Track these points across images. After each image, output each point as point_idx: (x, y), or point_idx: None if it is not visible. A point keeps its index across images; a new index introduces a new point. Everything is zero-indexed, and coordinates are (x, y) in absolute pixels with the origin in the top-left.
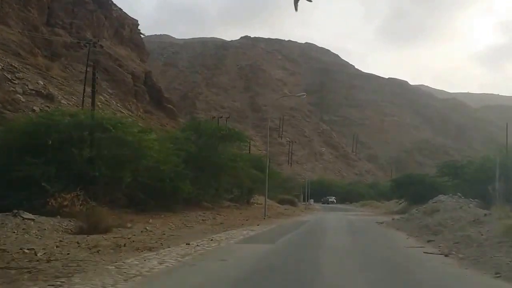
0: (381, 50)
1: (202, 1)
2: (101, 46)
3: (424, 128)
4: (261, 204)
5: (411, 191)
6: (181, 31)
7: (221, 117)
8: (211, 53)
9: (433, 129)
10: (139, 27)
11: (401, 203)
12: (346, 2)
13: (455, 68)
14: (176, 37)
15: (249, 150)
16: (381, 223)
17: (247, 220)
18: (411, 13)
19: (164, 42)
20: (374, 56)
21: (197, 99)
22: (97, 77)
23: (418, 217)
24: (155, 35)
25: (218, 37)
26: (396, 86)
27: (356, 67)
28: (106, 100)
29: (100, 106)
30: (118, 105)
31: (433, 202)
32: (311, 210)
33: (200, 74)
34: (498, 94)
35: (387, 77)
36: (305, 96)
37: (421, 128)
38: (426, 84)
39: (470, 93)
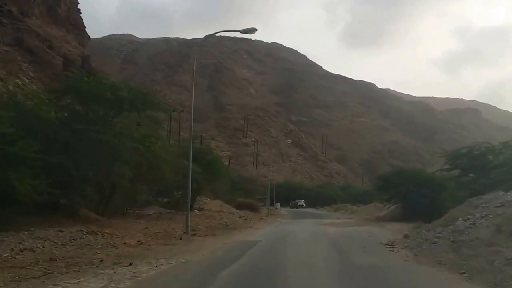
0: (345, 55)
1: (167, 3)
2: (10, 12)
3: (393, 130)
4: (209, 209)
5: (403, 191)
6: (145, 32)
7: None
8: (174, 51)
9: (402, 131)
10: (78, 6)
11: (389, 207)
12: (308, 9)
13: (417, 73)
14: (139, 37)
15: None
16: (390, 245)
17: (139, 243)
18: (373, 20)
19: (124, 39)
20: (339, 59)
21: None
22: None
23: (475, 235)
24: (117, 34)
25: (182, 37)
26: (364, 88)
27: (323, 67)
28: (24, 84)
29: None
30: (40, 90)
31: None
32: (275, 217)
33: (161, 72)
34: (461, 98)
35: (355, 79)
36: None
37: (391, 129)
38: (391, 88)
39: (434, 97)
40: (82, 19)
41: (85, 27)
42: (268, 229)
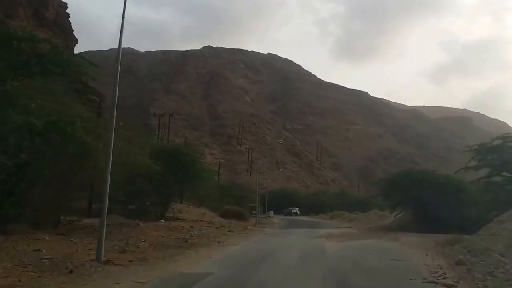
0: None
1: (165, 19)
2: None
3: (387, 137)
4: (184, 219)
5: (414, 196)
6: (144, 46)
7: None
8: (171, 62)
9: (396, 138)
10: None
11: (396, 215)
12: (302, 25)
13: (406, 84)
14: (139, 50)
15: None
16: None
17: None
18: (363, 34)
19: (124, 51)
20: (332, 70)
21: (151, 105)
22: None
23: None
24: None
25: (180, 49)
26: (358, 96)
27: (318, 76)
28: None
29: None
30: None
31: None
32: (263, 226)
33: (159, 82)
34: (452, 107)
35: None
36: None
37: (385, 137)
38: (383, 98)
39: (426, 106)
40: (70, 23)
41: (73, 30)
42: (242, 246)
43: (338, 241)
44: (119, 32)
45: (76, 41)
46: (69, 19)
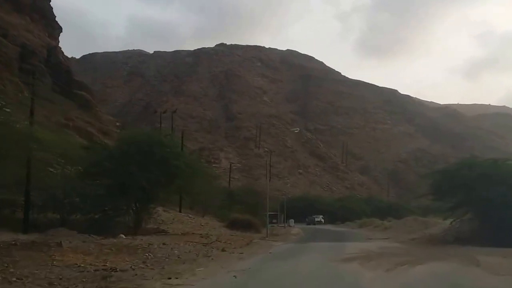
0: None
1: (176, 18)
2: None
3: (419, 137)
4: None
5: (480, 196)
6: (153, 47)
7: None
8: (182, 62)
9: (429, 138)
10: None
11: (453, 222)
12: (321, 20)
13: (437, 80)
14: (148, 51)
15: None
16: None
17: None
18: (388, 28)
19: (131, 52)
20: (356, 67)
21: (161, 108)
22: None
23: None
24: (126, 50)
25: (191, 49)
26: (386, 94)
27: (342, 73)
28: None
29: None
30: None
31: None
32: (273, 240)
33: (169, 83)
34: (489, 104)
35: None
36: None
37: (416, 136)
38: (412, 96)
39: (460, 103)
40: (51, 8)
41: (55, 17)
42: None
43: (386, 270)
44: None
45: (60, 29)
46: (50, 2)
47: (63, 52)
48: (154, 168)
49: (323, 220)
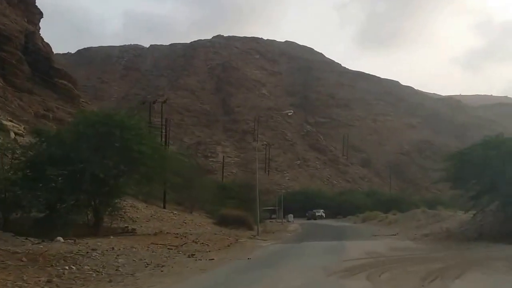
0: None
1: (173, 11)
2: None
3: (421, 129)
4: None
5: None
6: (150, 41)
7: None
8: (179, 55)
9: (432, 129)
10: None
11: (475, 214)
12: (319, 12)
13: (437, 72)
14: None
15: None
16: None
17: None
18: (386, 17)
19: (127, 46)
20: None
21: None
22: None
23: None
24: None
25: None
26: (387, 86)
27: (342, 65)
28: None
29: None
30: None
31: None
32: (264, 239)
33: (165, 77)
34: (490, 95)
35: (377, 75)
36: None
37: (419, 128)
38: (414, 87)
39: (462, 94)
40: None
41: (35, 1)
42: None
43: None
44: None
45: (40, 14)
46: None
47: (42, 38)
48: (112, 154)
49: (324, 215)
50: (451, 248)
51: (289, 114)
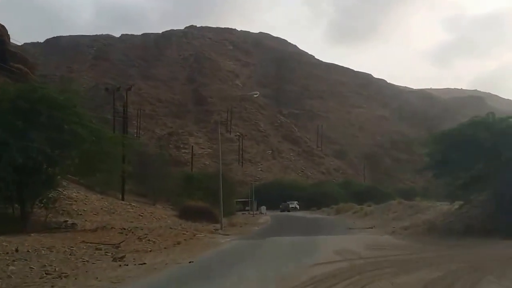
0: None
1: (144, 3)
2: None
3: (394, 120)
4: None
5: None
6: (122, 31)
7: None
8: (150, 45)
9: (405, 121)
10: None
11: (462, 205)
12: (292, 4)
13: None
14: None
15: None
16: None
17: None
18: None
19: (98, 35)
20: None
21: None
22: None
23: None
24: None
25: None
26: (360, 78)
27: (316, 57)
28: None
29: None
30: None
31: None
32: (226, 234)
33: (137, 67)
34: (461, 88)
35: (350, 68)
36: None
37: (392, 120)
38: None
39: (433, 88)
40: None
41: None
42: None
43: None
44: None
45: None
46: None
47: None
48: (38, 137)
49: (298, 206)
50: (439, 244)
51: (255, 96)
